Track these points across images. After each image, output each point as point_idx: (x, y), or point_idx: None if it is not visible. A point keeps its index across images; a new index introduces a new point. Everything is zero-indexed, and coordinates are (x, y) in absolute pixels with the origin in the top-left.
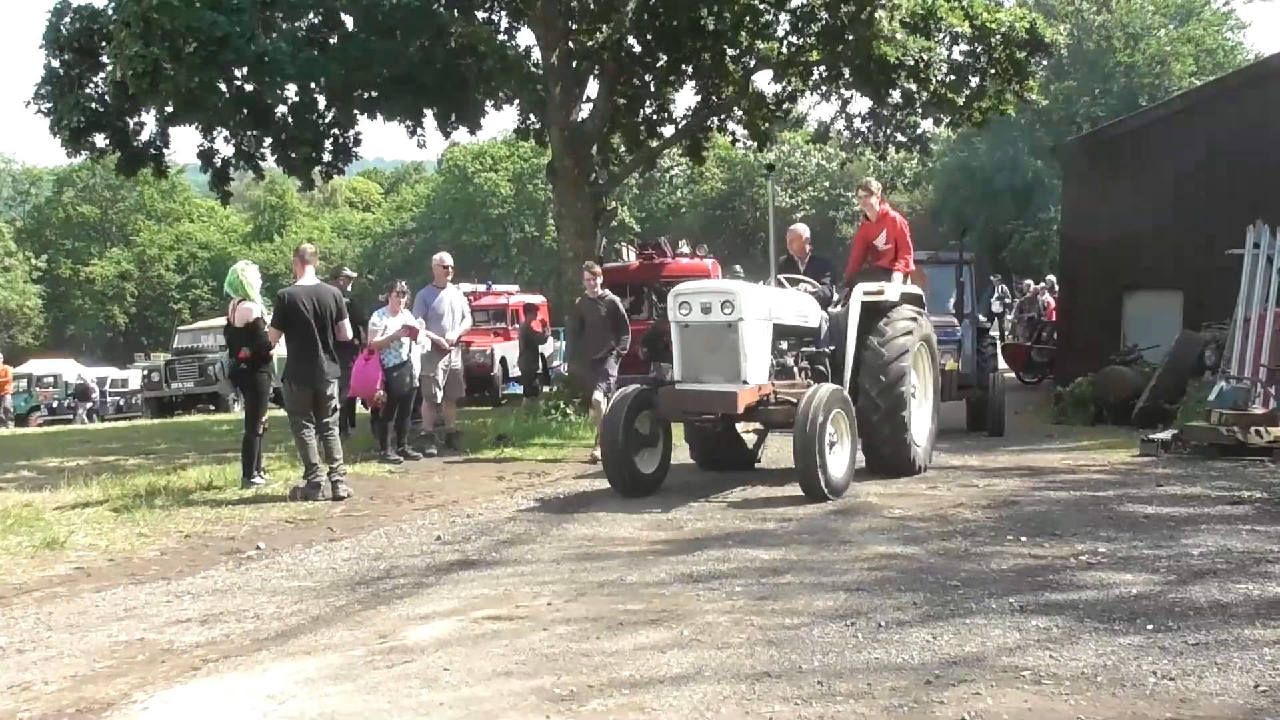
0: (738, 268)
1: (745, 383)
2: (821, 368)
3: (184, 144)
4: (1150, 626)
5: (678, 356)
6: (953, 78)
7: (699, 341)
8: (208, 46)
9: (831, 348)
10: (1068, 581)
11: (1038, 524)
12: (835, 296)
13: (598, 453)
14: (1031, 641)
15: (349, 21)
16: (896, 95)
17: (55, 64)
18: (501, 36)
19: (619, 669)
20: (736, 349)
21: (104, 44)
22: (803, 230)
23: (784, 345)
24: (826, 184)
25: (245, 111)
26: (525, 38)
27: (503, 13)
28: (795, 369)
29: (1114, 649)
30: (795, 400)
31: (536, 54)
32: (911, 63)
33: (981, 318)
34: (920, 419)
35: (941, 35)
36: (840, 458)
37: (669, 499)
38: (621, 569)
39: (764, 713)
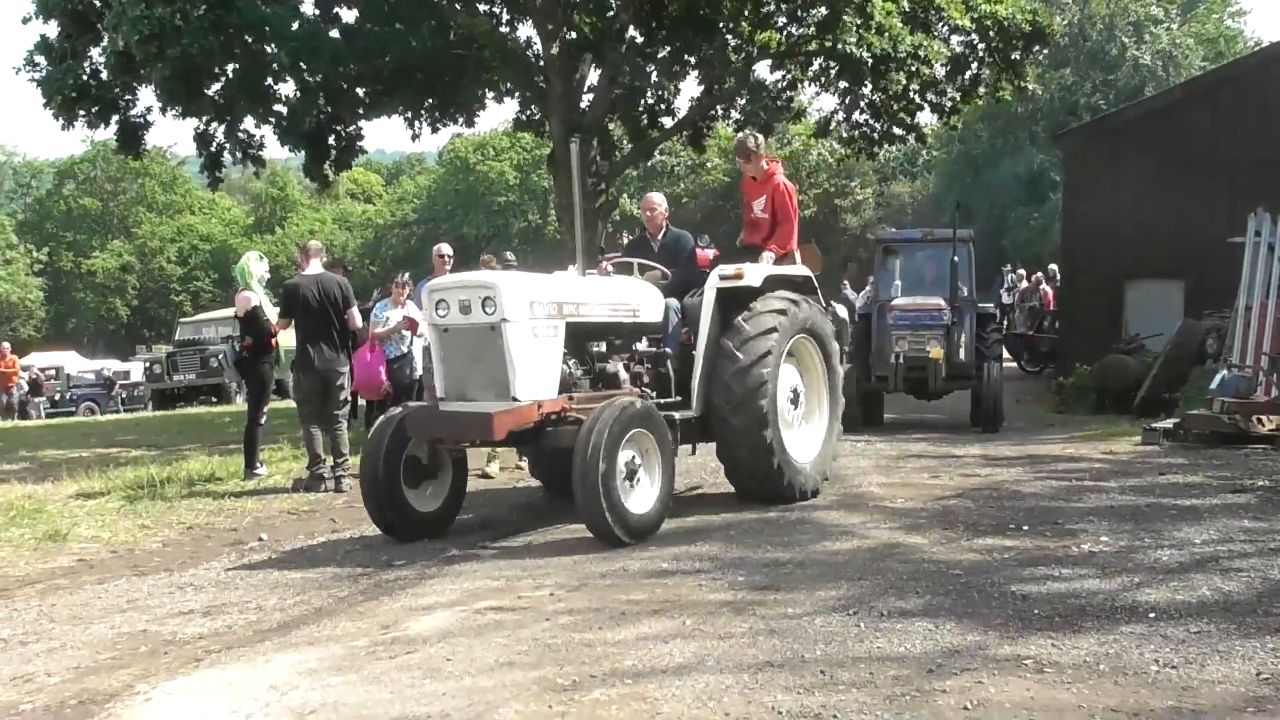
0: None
1: (516, 399)
2: (664, 371)
3: (185, 135)
4: (1152, 615)
5: (438, 369)
6: (948, 69)
7: (461, 349)
8: (215, 9)
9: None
10: (1069, 571)
11: (1040, 513)
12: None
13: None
14: (1033, 630)
15: (349, 17)
16: (895, 84)
17: (49, 33)
18: (502, 28)
19: (621, 659)
20: (502, 357)
21: (102, 12)
22: (658, 200)
23: (601, 347)
24: (824, 176)
25: (246, 94)
26: (526, 28)
27: (503, 4)
28: (623, 376)
29: (1116, 637)
30: None
31: (537, 45)
32: (903, 55)
33: (986, 305)
34: (807, 434)
35: (941, 27)
36: (646, 490)
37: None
38: (623, 559)
39: (766, 702)
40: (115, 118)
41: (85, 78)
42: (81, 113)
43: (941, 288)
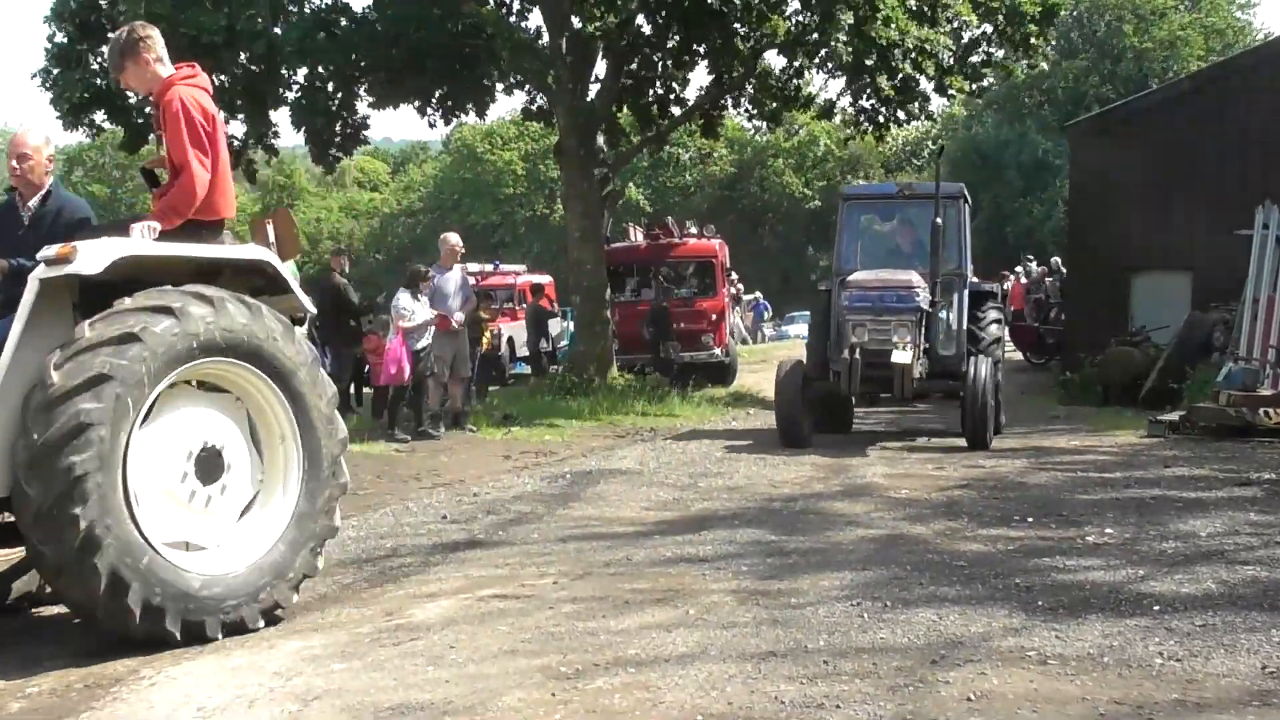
0: None
1: None
2: None
3: None
4: (1157, 608)
5: None
6: (956, 55)
7: None
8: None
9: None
10: (1074, 562)
11: (1044, 505)
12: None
13: None
14: (1037, 622)
15: (357, 5)
16: (895, 79)
17: (60, 38)
18: (511, 18)
19: (624, 647)
20: None
21: (108, 22)
22: (32, 141)
23: None
24: (830, 165)
25: (251, 96)
26: (534, 18)
27: None
28: None
29: (1120, 630)
30: None
31: (546, 35)
32: (911, 45)
33: (980, 281)
34: (256, 519)
35: (947, 24)
36: None
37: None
38: (627, 548)
39: (769, 691)
40: (126, 121)
41: (95, 82)
42: (90, 119)
43: (924, 260)
